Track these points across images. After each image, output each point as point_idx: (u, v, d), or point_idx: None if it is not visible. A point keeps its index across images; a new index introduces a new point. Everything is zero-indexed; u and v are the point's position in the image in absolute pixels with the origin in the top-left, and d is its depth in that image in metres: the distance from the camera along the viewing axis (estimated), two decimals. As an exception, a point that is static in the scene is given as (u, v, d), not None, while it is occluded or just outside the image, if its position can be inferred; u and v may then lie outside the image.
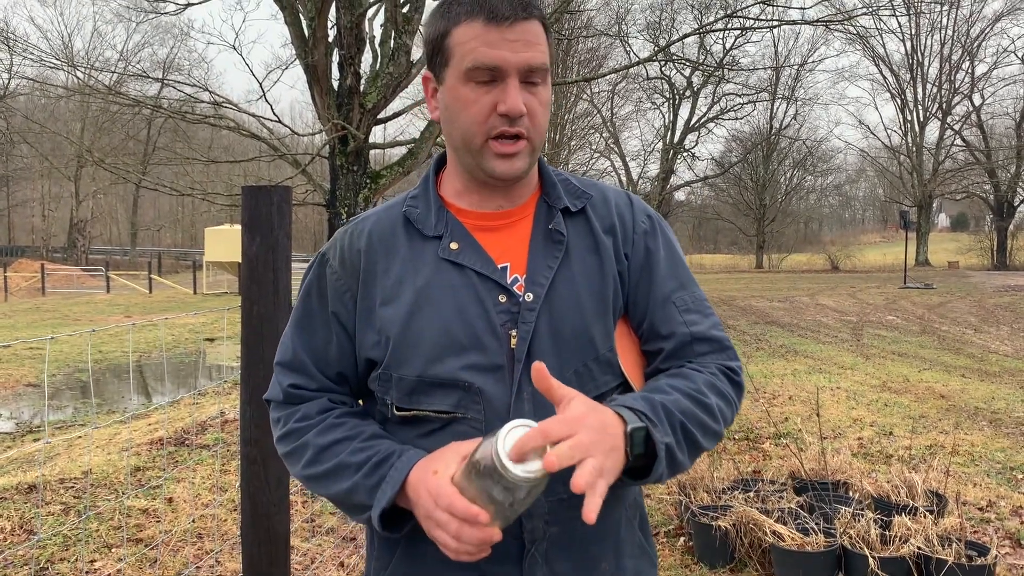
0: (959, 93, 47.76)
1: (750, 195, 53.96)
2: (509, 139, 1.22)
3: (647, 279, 1.35)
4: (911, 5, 36.77)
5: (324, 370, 1.33)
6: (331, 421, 1.29)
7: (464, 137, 1.25)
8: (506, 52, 1.19)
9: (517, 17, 1.19)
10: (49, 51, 26.77)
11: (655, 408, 1.16)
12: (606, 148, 50.99)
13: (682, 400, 1.21)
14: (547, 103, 1.26)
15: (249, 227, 2.23)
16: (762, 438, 6.30)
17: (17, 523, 4.34)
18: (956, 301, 21.30)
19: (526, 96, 1.22)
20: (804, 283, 31.44)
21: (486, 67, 1.20)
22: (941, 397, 8.15)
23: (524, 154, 1.24)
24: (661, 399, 1.19)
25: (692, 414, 1.21)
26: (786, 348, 11.95)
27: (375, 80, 12.44)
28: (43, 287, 32.27)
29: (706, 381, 1.27)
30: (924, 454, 5.81)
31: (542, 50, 1.22)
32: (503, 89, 1.21)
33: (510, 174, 1.25)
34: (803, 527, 3.81)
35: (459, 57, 1.22)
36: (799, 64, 49.54)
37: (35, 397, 9.52)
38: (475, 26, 1.20)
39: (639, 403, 1.16)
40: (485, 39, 1.19)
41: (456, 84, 1.24)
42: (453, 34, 1.23)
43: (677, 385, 1.24)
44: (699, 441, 1.22)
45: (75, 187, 49.85)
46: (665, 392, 1.22)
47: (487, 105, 1.21)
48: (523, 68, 1.20)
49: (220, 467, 5.43)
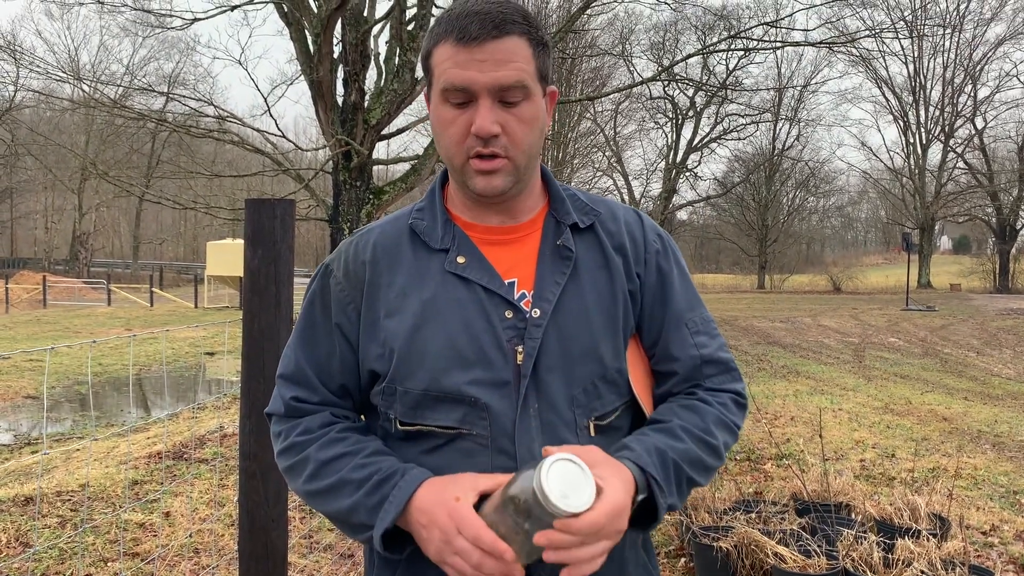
0: (961, 116, 47.88)
1: (752, 215, 54.02)
2: (486, 158, 1.22)
3: (661, 300, 1.35)
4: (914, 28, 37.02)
5: (327, 382, 1.32)
6: (333, 435, 1.27)
7: (447, 155, 1.26)
8: (474, 72, 1.18)
9: (487, 36, 1.18)
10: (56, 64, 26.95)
11: (666, 467, 1.19)
12: (609, 167, 51.14)
13: (692, 449, 1.24)
14: (530, 119, 1.23)
15: (252, 240, 2.22)
16: (764, 459, 6.27)
17: (13, 535, 4.31)
18: (958, 324, 21.27)
19: (502, 115, 1.20)
20: (806, 304, 31.41)
21: (456, 88, 1.20)
22: (944, 420, 8.11)
23: (504, 172, 1.23)
24: (674, 455, 1.21)
25: (698, 462, 1.24)
26: (788, 369, 11.92)
27: (379, 96, 12.49)
28: (44, 299, 32.27)
29: (716, 418, 1.30)
30: (927, 477, 5.77)
31: (517, 67, 1.20)
32: (475, 110, 1.20)
33: (489, 191, 1.24)
34: (805, 549, 3.77)
35: (436, 77, 1.23)
36: (802, 85, 49.71)
37: (34, 409, 9.49)
38: (448, 47, 1.20)
39: (653, 463, 1.18)
40: (455, 60, 1.19)
41: (436, 104, 1.24)
42: (433, 54, 1.24)
43: (689, 427, 1.26)
44: (699, 483, 1.26)
45: (78, 200, 49.99)
46: (677, 438, 1.24)
47: (462, 126, 1.21)
48: (493, 88, 1.19)
49: (218, 481, 5.40)
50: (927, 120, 49.07)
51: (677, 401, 1.33)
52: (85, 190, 49.30)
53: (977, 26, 47.10)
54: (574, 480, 1.00)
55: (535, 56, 1.24)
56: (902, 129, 49.81)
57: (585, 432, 1.25)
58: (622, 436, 1.29)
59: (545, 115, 1.28)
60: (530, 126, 1.24)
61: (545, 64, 1.26)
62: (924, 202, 47.51)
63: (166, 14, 17.30)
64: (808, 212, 60.09)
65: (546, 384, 1.23)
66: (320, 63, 11.85)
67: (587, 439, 1.25)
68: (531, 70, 1.22)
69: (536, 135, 1.26)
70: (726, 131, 51.17)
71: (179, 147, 38.93)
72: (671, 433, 1.25)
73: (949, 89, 48.01)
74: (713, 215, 60.43)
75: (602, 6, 22.60)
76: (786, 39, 23.86)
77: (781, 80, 50.29)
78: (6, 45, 23.45)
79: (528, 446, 1.21)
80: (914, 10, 43.20)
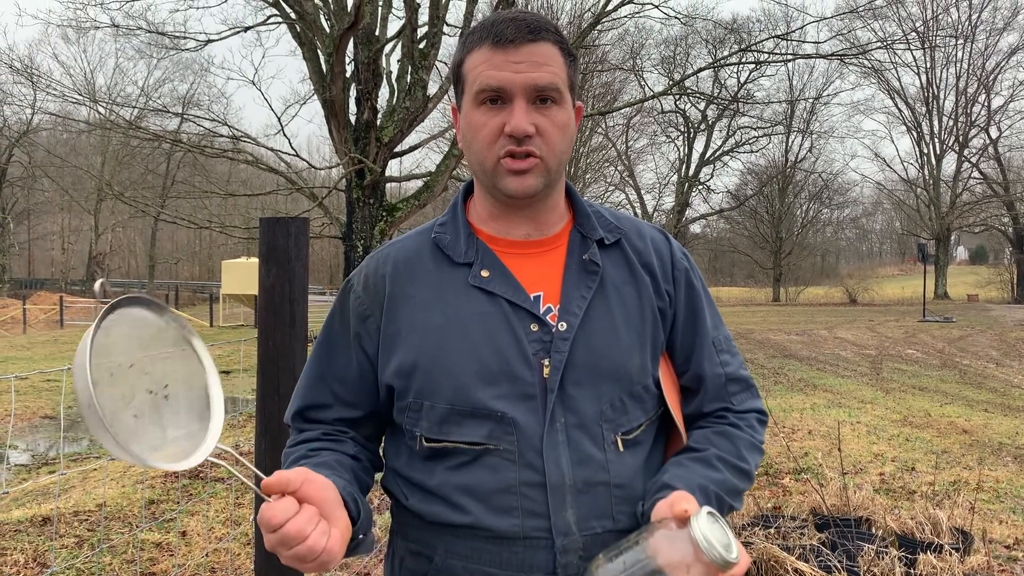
0: (975, 126, 47.73)
1: (766, 228, 53.90)
2: (519, 157, 1.22)
3: (692, 318, 1.36)
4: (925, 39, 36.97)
5: (341, 394, 1.33)
6: (301, 452, 1.29)
7: (478, 159, 1.26)
8: (509, 73, 1.20)
9: (522, 40, 1.20)
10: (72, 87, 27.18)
11: (710, 503, 1.20)
12: (621, 181, 51.25)
13: (729, 479, 1.26)
14: (562, 124, 1.25)
15: (266, 258, 2.23)
16: (782, 473, 6.21)
17: (31, 556, 4.32)
18: (976, 335, 21.09)
19: (536, 117, 1.22)
20: (822, 316, 31.24)
21: (491, 88, 1.21)
22: (964, 432, 8.02)
23: (536, 172, 1.24)
24: (714, 487, 1.23)
25: (734, 490, 1.27)
26: (804, 382, 11.84)
27: (391, 114, 12.56)
28: (61, 319, 32.48)
29: (747, 443, 1.33)
30: (948, 490, 5.70)
31: (551, 71, 1.22)
32: (510, 110, 1.21)
33: (522, 191, 1.24)
34: (825, 564, 3.73)
35: (470, 83, 1.24)
36: (814, 97, 49.71)
37: (51, 429, 9.54)
38: (483, 51, 1.22)
39: (699, 502, 1.18)
40: (491, 62, 1.21)
41: (469, 109, 1.25)
42: (466, 62, 1.25)
43: (724, 455, 1.28)
44: (736, 509, 1.29)
45: (95, 220, 50.41)
46: (715, 468, 1.26)
47: (496, 127, 1.22)
48: (528, 88, 1.20)
49: (234, 500, 5.39)
50: (941, 130, 48.92)
51: (711, 427, 1.34)
52: (101, 211, 49.72)
53: (990, 36, 46.80)
54: (720, 529, 1.01)
55: (566, 65, 1.26)
56: (916, 140, 49.70)
57: (613, 447, 1.24)
58: (645, 451, 1.29)
59: (574, 125, 1.29)
60: (562, 131, 1.25)
61: (574, 76, 1.28)
62: (939, 212, 47.27)
63: (180, 36, 17.51)
64: (822, 224, 59.99)
65: (573, 399, 1.22)
66: (333, 82, 11.93)
67: (615, 454, 1.24)
68: (564, 76, 1.24)
69: (567, 142, 1.27)
70: (738, 144, 51.23)
71: (194, 167, 39.26)
72: (708, 464, 1.26)
73: (963, 99, 47.90)
74: (726, 228, 60.35)
75: (612, 21, 22.68)
76: (797, 51, 23.87)
77: (793, 92, 50.29)
78: (24, 69, 23.73)
79: (556, 460, 1.20)
80: (925, 21, 43.16)
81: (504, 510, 1.19)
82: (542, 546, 1.19)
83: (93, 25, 18.16)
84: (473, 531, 1.21)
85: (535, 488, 1.19)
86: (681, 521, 1.02)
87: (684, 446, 1.32)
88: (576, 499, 1.20)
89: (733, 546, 1.00)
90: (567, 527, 1.19)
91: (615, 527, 1.22)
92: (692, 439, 1.33)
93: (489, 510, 1.19)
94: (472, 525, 1.20)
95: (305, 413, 1.35)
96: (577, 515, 1.20)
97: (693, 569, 0.98)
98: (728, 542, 1.00)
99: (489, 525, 1.19)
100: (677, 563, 0.99)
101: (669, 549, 1.00)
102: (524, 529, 1.19)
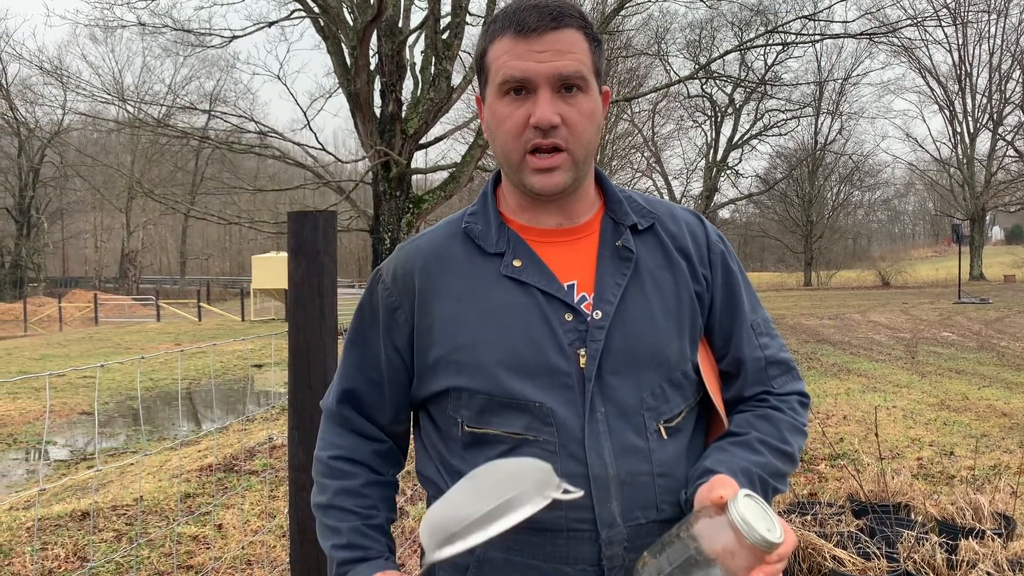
0: (1010, 103, 46.73)
1: (796, 212, 53.28)
2: (546, 152, 1.20)
3: (730, 302, 1.34)
4: (957, 15, 36.23)
5: (377, 381, 1.33)
6: (352, 486, 1.32)
7: (504, 152, 1.24)
8: (532, 63, 1.18)
9: (545, 28, 1.18)
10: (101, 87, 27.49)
11: (753, 486, 1.19)
12: (648, 167, 50.87)
13: (772, 462, 1.24)
14: (589, 112, 1.22)
15: (295, 252, 2.23)
16: (817, 459, 6.14)
17: (71, 550, 4.38)
18: (1014, 315, 20.72)
19: (562, 107, 1.19)
20: (854, 300, 30.87)
21: (514, 79, 1.19)
22: (1003, 415, 7.88)
23: (564, 168, 1.21)
24: (758, 470, 1.21)
25: (778, 473, 1.25)
26: (838, 367, 11.70)
27: (416, 106, 12.56)
28: (96, 317, 33.01)
29: (790, 425, 1.30)
30: (988, 475, 5.61)
31: (576, 58, 1.19)
32: (535, 101, 1.18)
33: (549, 189, 1.22)
34: (864, 551, 3.68)
35: (493, 73, 1.22)
36: (843, 78, 48.97)
37: (88, 425, 9.68)
38: (506, 41, 1.20)
39: (742, 485, 1.16)
40: (514, 52, 1.19)
41: (493, 100, 1.23)
42: (489, 52, 1.23)
43: (766, 438, 1.26)
44: (781, 491, 1.27)
45: (126, 218, 51.12)
46: (757, 452, 1.24)
47: (521, 118, 1.20)
48: (552, 77, 1.18)
49: (269, 493, 5.44)
50: (974, 108, 47.95)
51: (752, 411, 1.32)
52: (132, 209, 50.39)
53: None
54: (760, 511, 1.00)
55: (591, 51, 1.23)
56: (948, 119, 48.75)
57: (656, 435, 1.22)
58: (687, 438, 1.27)
59: (601, 112, 1.27)
60: (590, 120, 1.22)
61: (600, 61, 1.25)
62: (974, 192, 46.43)
63: (205, 32, 17.64)
64: (853, 206, 59.13)
65: (612, 388, 1.20)
66: (357, 75, 11.95)
67: (658, 443, 1.22)
68: (589, 63, 1.22)
69: (594, 130, 1.24)
70: (767, 127, 50.65)
71: (222, 163, 39.61)
72: (750, 447, 1.24)
73: (996, 76, 46.91)
74: (756, 213, 59.73)
75: (636, 6, 22.50)
76: (825, 32, 23.51)
77: (821, 73, 49.58)
78: (54, 70, 24.05)
79: (598, 451, 1.18)
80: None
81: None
82: (586, 538, 1.18)
83: (120, 24, 18.37)
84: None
85: (578, 479, 1.16)
86: (719, 507, 1.00)
87: (725, 431, 1.30)
88: (620, 490, 1.18)
89: (776, 526, 0.98)
90: (612, 519, 1.18)
91: (659, 517, 1.20)
92: (733, 423, 1.31)
93: None
94: None
95: (349, 397, 1.35)
96: (622, 506, 1.18)
97: (738, 555, 0.97)
98: (771, 523, 0.98)
99: (531, 516, 1.18)
100: (721, 550, 0.97)
101: (711, 537, 0.98)
102: (568, 521, 1.17)
